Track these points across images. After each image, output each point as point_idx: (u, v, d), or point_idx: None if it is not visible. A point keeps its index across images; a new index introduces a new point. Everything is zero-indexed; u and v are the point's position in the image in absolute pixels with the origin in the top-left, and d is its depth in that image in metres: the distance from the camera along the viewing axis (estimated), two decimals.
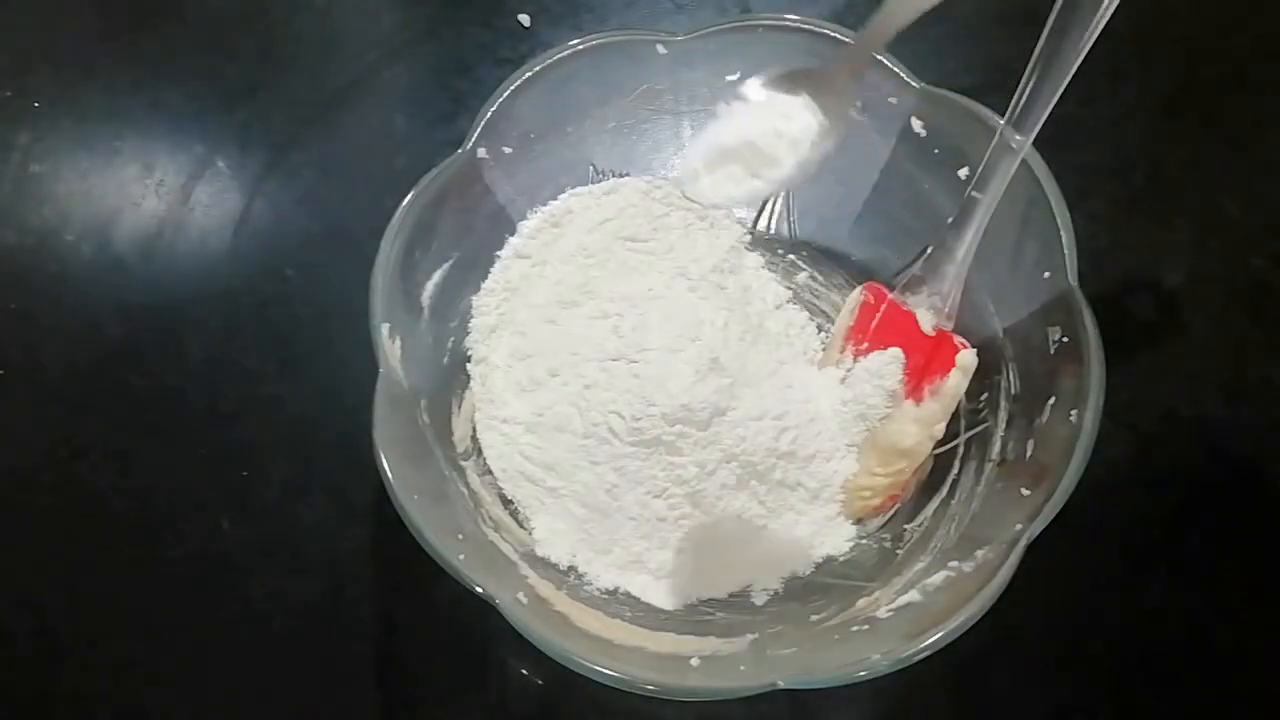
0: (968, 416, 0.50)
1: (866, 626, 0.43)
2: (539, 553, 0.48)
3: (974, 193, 0.46)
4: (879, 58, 0.48)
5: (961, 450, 0.50)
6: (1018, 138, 0.44)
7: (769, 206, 0.56)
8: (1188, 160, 0.60)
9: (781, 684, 0.38)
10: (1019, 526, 0.41)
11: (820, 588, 0.48)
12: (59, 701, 0.49)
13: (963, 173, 0.49)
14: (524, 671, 0.49)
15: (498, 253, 0.52)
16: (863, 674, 0.38)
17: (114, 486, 0.53)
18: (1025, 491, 0.43)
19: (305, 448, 0.53)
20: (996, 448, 0.48)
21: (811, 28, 0.49)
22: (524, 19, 0.64)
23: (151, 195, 0.60)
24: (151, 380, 0.55)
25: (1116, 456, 0.53)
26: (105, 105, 0.63)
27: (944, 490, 0.49)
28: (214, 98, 0.63)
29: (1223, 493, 0.52)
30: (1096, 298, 0.44)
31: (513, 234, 0.53)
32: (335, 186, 0.60)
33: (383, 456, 0.41)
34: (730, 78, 0.52)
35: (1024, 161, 0.45)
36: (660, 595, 0.48)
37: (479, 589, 0.39)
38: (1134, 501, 0.52)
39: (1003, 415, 0.48)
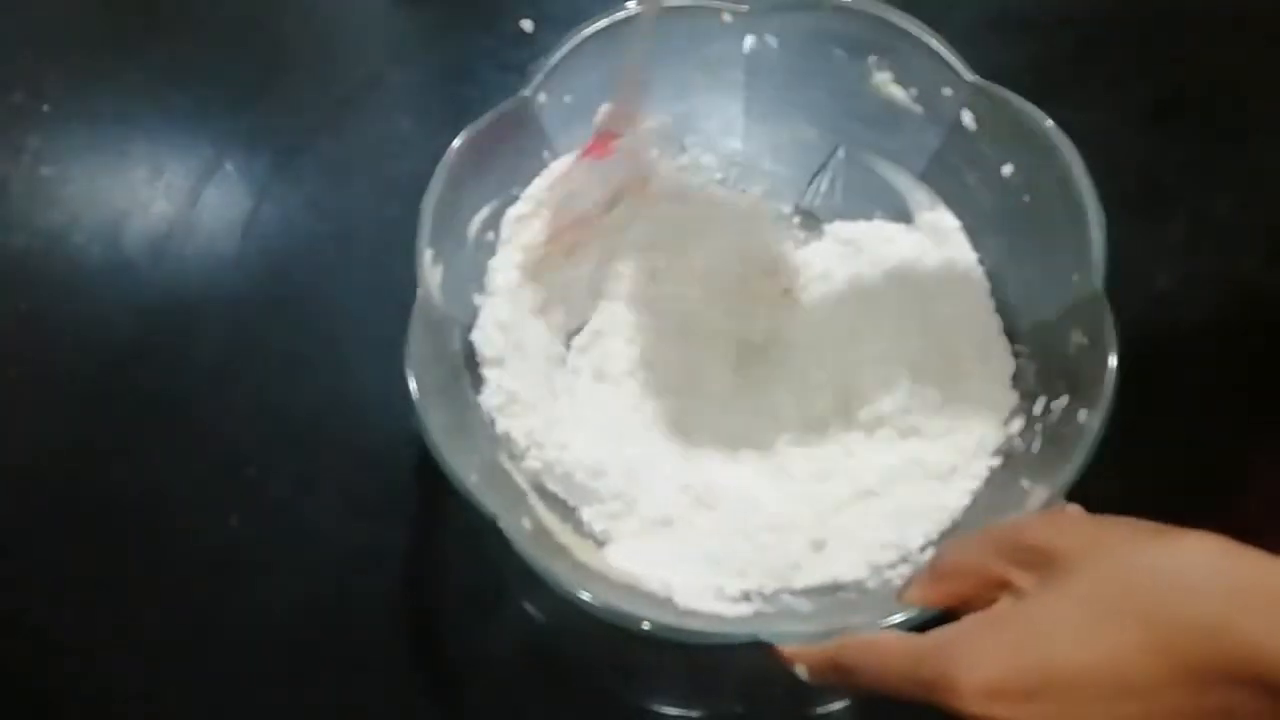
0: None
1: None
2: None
3: None
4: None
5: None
6: None
7: (814, 184, 0.56)
8: (1182, 162, 0.60)
9: (762, 636, 0.38)
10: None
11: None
12: (66, 700, 0.50)
13: (1006, 169, 0.49)
14: (536, 664, 0.50)
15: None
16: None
17: (123, 485, 0.53)
18: (1025, 484, 0.44)
19: (313, 446, 0.54)
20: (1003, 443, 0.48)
21: (874, 11, 0.49)
22: (526, 25, 0.65)
23: (160, 198, 0.61)
24: (161, 380, 0.56)
25: (1112, 455, 0.53)
26: (114, 108, 0.63)
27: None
28: (222, 101, 0.63)
29: (1221, 493, 0.53)
30: None
31: None
32: (342, 189, 0.61)
33: (411, 377, 0.42)
34: (787, 52, 0.52)
35: (1064, 164, 0.46)
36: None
37: (484, 510, 0.40)
38: (1132, 501, 0.52)
39: (1014, 411, 0.49)
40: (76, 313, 0.58)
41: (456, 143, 0.46)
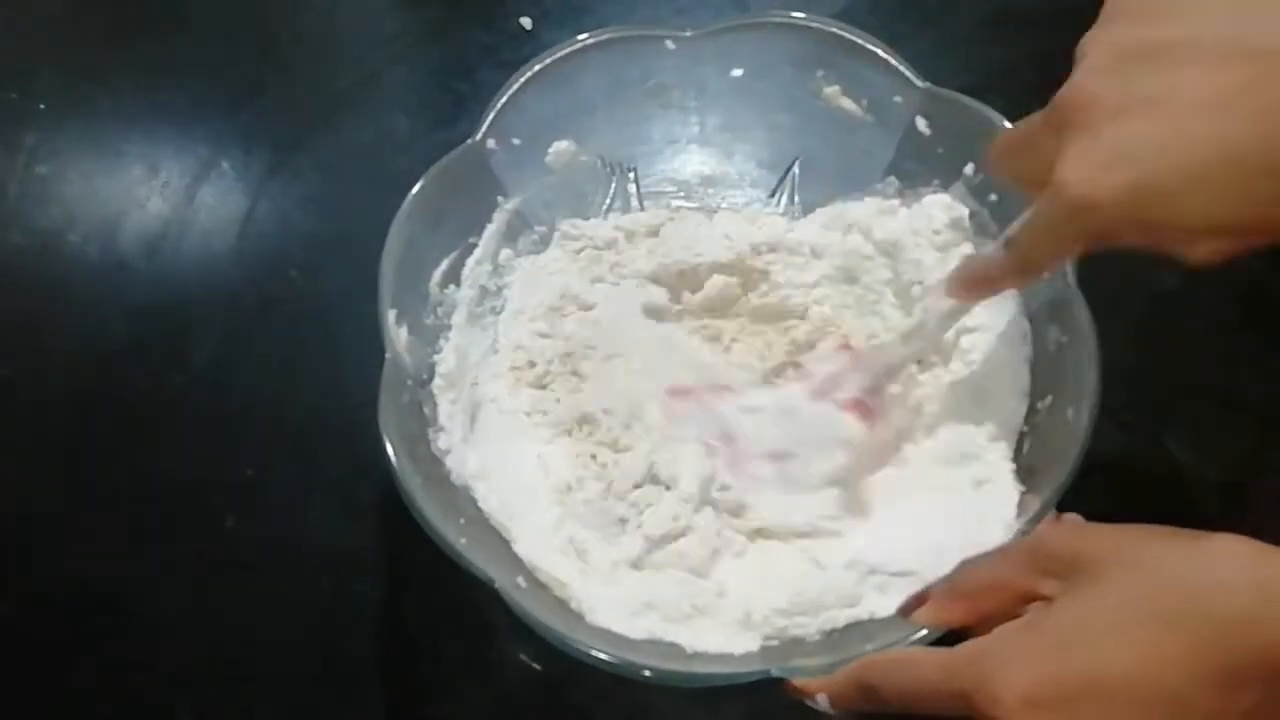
0: None
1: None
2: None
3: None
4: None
5: None
6: None
7: (773, 200, 0.56)
8: None
9: (774, 671, 0.38)
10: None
11: None
12: (62, 701, 0.49)
13: (968, 169, 0.49)
14: (529, 666, 0.49)
15: (507, 246, 0.53)
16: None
17: (118, 486, 0.53)
18: (1021, 488, 0.44)
19: (310, 447, 0.54)
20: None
21: (819, 25, 0.50)
22: (525, 22, 0.65)
23: (156, 196, 0.61)
24: (156, 380, 0.56)
25: (1113, 457, 0.53)
26: (110, 107, 0.63)
27: None
28: (218, 100, 0.63)
29: (1220, 494, 0.52)
30: (1094, 297, 0.44)
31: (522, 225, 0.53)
32: (338, 187, 0.61)
33: (387, 441, 0.41)
34: (736, 73, 0.53)
35: None
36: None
37: (478, 573, 0.39)
38: (1131, 502, 0.52)
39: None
40: (72, 312, 0.58)
41: (408, 199, 0.46)
